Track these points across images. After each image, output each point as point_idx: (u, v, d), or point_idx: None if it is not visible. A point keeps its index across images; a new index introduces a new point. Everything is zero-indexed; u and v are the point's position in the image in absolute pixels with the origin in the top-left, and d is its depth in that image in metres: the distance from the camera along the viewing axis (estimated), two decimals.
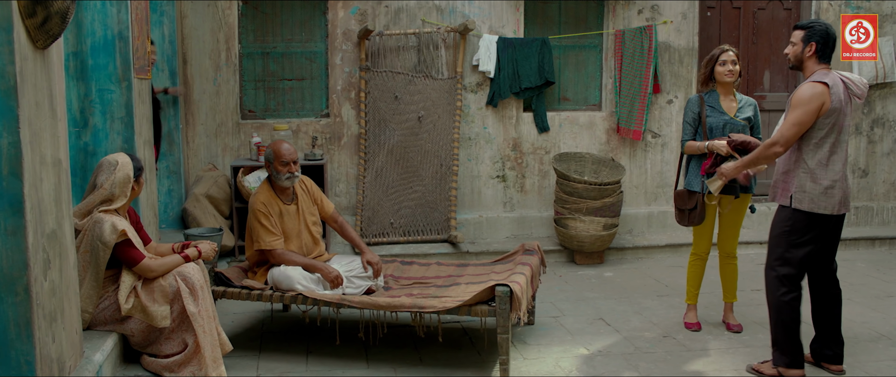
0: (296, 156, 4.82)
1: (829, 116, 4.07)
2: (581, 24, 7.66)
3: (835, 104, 4.06)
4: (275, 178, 4.83)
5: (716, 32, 7.88)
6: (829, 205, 4.13)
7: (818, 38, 4.15)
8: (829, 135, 4.11)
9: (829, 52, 4.17)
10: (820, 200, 4.12)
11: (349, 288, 4.72)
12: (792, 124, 4.06)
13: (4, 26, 2.95)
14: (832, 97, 4.05)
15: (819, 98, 4.03)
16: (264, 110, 7.40)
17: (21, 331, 3.08)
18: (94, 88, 4.95)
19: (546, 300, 5.81)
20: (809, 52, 4.19)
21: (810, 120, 4.05)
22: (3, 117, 2.98)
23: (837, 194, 4.14)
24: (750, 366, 4.43)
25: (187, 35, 7.10)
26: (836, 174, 4.14)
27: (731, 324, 5.13)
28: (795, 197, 4.16)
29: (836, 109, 4.07)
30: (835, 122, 4.09)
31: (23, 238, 3.04)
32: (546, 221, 7.57)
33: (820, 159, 4.12)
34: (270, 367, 4.49)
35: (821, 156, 4.12)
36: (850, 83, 4.17)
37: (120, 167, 4.16)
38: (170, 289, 4.12)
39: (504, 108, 7.53)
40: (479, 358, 4.65)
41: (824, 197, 4.12)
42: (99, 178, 4.15)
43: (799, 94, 4.08)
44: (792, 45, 4.28)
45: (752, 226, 7.86)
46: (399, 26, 7.30)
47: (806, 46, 4.20)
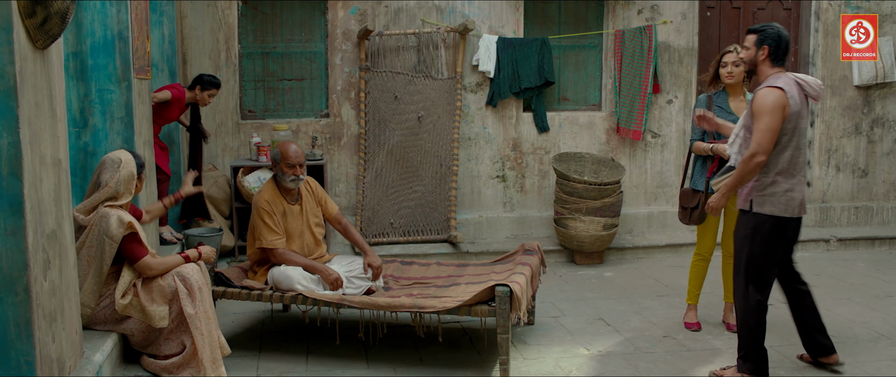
0: (303, 159, 4.82)
1: (789, 121, 4.08)
2: (581, 24, 7.66)
3: (794, 107, 4.08)
4: (280, 178, 4.82)
5: (715, 32, 7.88)
6: (789, 209, 4.15)
7: (771, 42, 4.17)
8: (791, 138, 4.12)
9: (783, 55, 4.19)
10: (781, 204, 4.14)
11: (349, 288, 4.72)
12: (765, 131, 4.04)
13: (4, 26, 2.95)
14: (790, 101, 4.07)
15: (780, 103, 4.04)
16: (264, 110, 7.40)
17: (21, 332, 3.07)
18: (93, 88, 4.95)
19: (546, 300, 5.81)
20: (763, 55, 4.20)
21: (779, 125, 4.04)
22: (2, 117, 2.98)
23: (797, 197, 4.16)
24: (713, 373, 4.37)
25: (187, 35, 7.10)
26: (797, 177, 4.16)
27: (731, 324, 5.13)
28: (756, 201, 4.18)
29: (795, 113, 4.09)
30: (795, 126, 4.11)
31: (23, 238, 3.04)
32: (546, 221, 7.57)
33: (783, 163, 4.13)
34: (270, 367, 4.49)
35: (784, 159, 4.13)
36: (805, 84, 4.18)
37: (124, 165, 4.17)
38: (168, 289, 4.12)
39: (504, 108, 7.53)
40: (479, 358, 4.65)
41: (785, 200, 4.14)
42: (103, 176, 4.15)
43: (761, 101, 4.06)
44: (745, 50, 4.28)
45: None
46: (399, 26, 7.30)
47: (759, 50, 4.21)
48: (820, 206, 8.04)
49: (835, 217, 8.07)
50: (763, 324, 4.23)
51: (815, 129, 8.01)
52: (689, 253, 7.25)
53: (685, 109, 7.75)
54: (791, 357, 4.66)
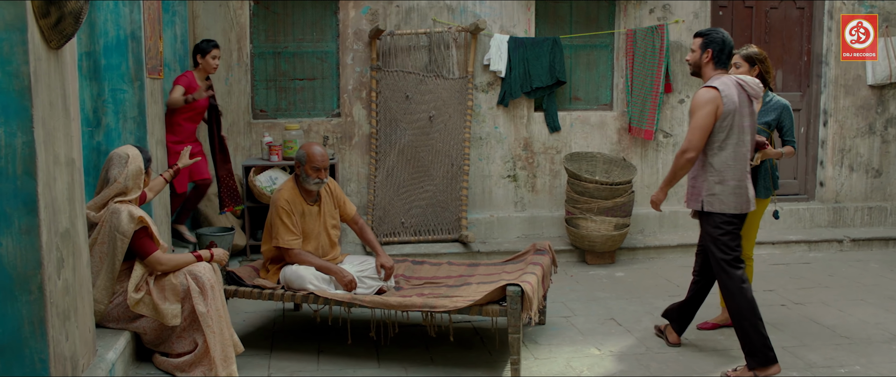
0: (328, 163, 4.83)
1: (725, 119, 4.24)
2: (592, 24, 7.64)
3: (729, 106, 4.23)
4: (303, 180, 4.82)
5: (727, 31, 7.82)
6: (738, 205, 4.31)
7: (715, 45, 4.35)
8: (729, 136, 4.27)
9: (725, 58, 4.37)
10: (729, 200, 4.30)
11: (360, 288, 4.73)
12: (695, 129, 4.24)
13: (19, 27, 2.97)
14: (725, 100, 4.22)
15: (713, 102, 4.22)
16: (276, 110, 7.42)
17: (35, 330, 3.09)
18: (106, 88, 4.97)
19: (557, 300, 5.80)
20: (707, 58, 4.38)
21: (710, 123, 4.22)
22: (17, 117, 3.00)
23: (744, 193, 4.32)
24: (725, 373, 4.38)
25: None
26: (741, 174, 4.31)
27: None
28: (706, 200, 4.34)
29: (730, 111, 4.24)
30: (732, 124, 4.26)
31: (37, 237, 3.06)
32: (557, 221, 7.56)
33: (724, 161, 4.28)
34: (282, 366, 4.50)
35: (725, 157, 4.28)
36: (745, 85, 4.34)
37: (131, 160, 4.19)
38: (181, 287, 4.14)
39: (515, 107, 7.52)
40: (490, 357, 4.64)
41: (733, 196, 4.30)
42: (111, 172, 4.17)
43: (695, 99, 4.28)
44: (691, 52, 4.46)
45: (765, 226, 7.83)
46: (410, 26, 7.30)
47: (703, 53, 4.39)
48: (833, 207, 8.00)
49: (848, 217, 8.02)
50: (756, 310, 4.28)
51: (829, 128, 7.97)
52: None
53: None
54: (804, 357, 4.63)
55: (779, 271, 6.77)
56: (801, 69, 8.05)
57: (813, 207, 8.00)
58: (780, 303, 5.78)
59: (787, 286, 6.26)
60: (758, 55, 4.88)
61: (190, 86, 6.03)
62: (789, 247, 7.51)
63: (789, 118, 4.91)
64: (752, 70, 4.86)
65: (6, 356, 3.08)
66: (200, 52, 6.18)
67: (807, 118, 8.12)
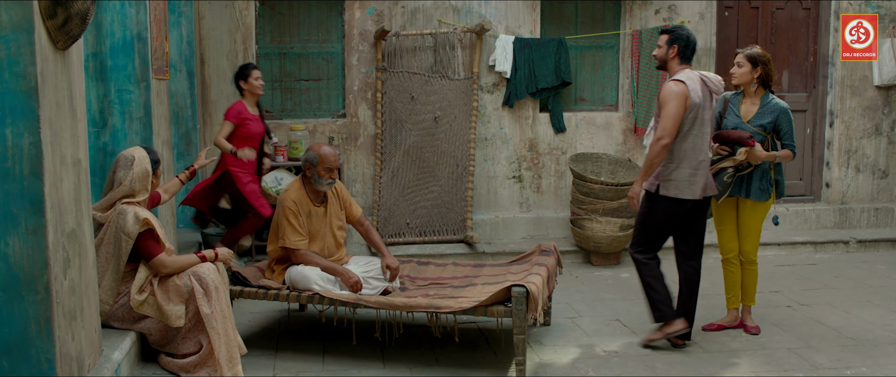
0: (339, 162, 4.85)
1: (690, 111, 4.57)
2: (598, 25, 7.64)
3: (695, 99, 4.56)
4: (315, 181, 4.82)
5: (734, 32, 7.84)
6: (693, 191, 4.64)
7: (680, 42, 4.66)
8: (692, 127, 4.61)
9: (690, 54, 4.68)
10: (684, 187, 4.63)
11: (366, 288, 4.73)
12: (669, 117, 4.53)
13: (26, 27, 2.98)
14: (691, 93, 4.55)
15: (682, 95, 4.53)
16: (281, 110, 7.43)
17: (41, 330, 3.10)
18: (113, 89, 4.99)
19: (562, 301, 5.79)
20: (673, 54, 4.68)
21: (681, 112, 4.53)
22: (24, 117, 3.01)
23: (700, 181, 4.65)
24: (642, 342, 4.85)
25: (205, 36, 7.14)
26: (699, 162, 4.64)
27: (748, 326, 5.10)
28: (663, 185, 4.66)
29: (696, 104, 4.57)
30: (696, 116, 4.60)
31: (43, 237, 3.07)
32: (562, 222, 7.56)
33: (685, 149, 4.62)
34: (287, 367, 4.50)
35: (686, 146, 4.62)
36: (708, 80, 4.68)
37: (137, 162, 4.18)
38: (185, 288, 4.14)
39: (520, 108, 7.52)
40: (495, 358, 4.64)
41: (689, 183, 4.63)
42: (118, 174, 4.18)
43: (665, 91, 4.57)
44: (658, 48, 4.75)
45: (769, 227, 7.79)
46: (415, 27, 7.31)
47: (669, 49, 4.69)
48: (839, 208, 7.98)
49: (854, 218, 8.00)
50: (660, 274, 4.77)
51: (835, 129, 7.95)
52: (705, 254, 7.20)
53: None
54: (810, 359, 4.62)
55: (784, 272, 6.75)
56: (807, 70, 8.03)
57: (819, 208, 7.98)
58: (785, 304, 5.77)
59: (792, 287, 6.25)
60: (761, 56, 4.85)
61: (240, 117, 5.87)
62: (795, 248, 7.50)
63: (787, 121, 4.84)
64: (755, 71, 4.84)
65: (13, 356, 3.09)
66: (242, 78, 5.99)
67: (813, 119, 8.10)
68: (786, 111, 4.85)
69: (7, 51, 2.97)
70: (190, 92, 6.85)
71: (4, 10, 2.96)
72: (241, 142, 5.85)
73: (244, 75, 5.99)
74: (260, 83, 6.02)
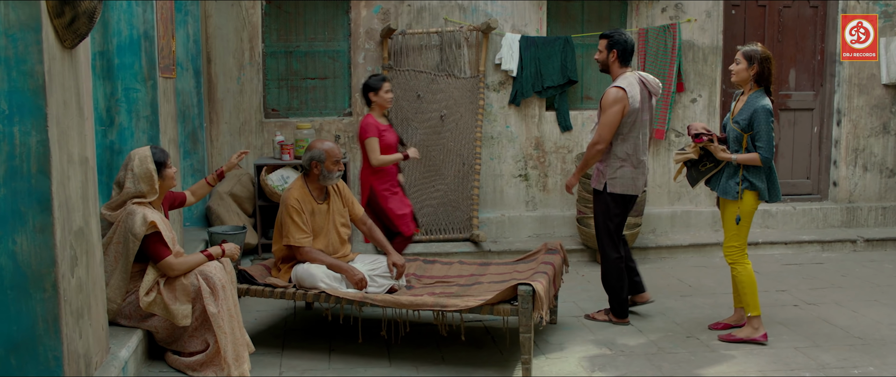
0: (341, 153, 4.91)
1: (630, 115, 4.92)
2: (604, 23, 7.62)
3: (633, 104, 4.91)
4: (324, 177, 4.82)
5: (740, 30, 7.81)
6: (635, 188, 5.06)
7: (619, 46, 5.00)
8: (632, 129, 4.97)
9: (628, 56, 5.03)
10: (629, 184, 5.03)
11: (372, 286, 4.74)
12: (604, 125, 4.93)
13: (33, 26, 2.99)
14: (630, 99, 4.89)
15: (621, 102, 4.87)
16: (287, 109, 7.44)
17: (49, 328, 3.11)
18: (119, 87, 5.00)
19: (568, 299, 5.79)
20: (613, 58, 5.03)
21: (618, 119, 4.90)
22: (31, 116, 3.02)
23: (641, 178, 5.07)
24: (587, 315, 5.39)
25: (211, 34, 7.15)
26: (639, 161, 5.03)
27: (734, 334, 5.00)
28: (610, 183, 5.04)
29: (635, 109, 4.93)
30: (636, 119, 4.96)
31: (51, 235, 3.08)
32: (569, 220, 7.55)
33: (627, 150, 4.99)
34: (293, 365, 4.51)
35: (627, 147, 4.98)
36: (647, 82, 5.04)
37: (138, 163, 4.16)
38: (191, 287, 4.14)
39: (526, 106, 7.51)
40: (501, 357, 4.64)
41: (632, 181, 5.03)
42: (120, 175, 4.19)
43: (606, 98, 4.92)
44: (599, 52, 5.09)
45: (777, 225, 7.79)
46: (421, 25, 7.30)
47: (610, 53, 5.03)
48: (846, 206, 7.95)
49: (862, 217, 7.97)
50: (622, 275, 5.18)
51: (842, 127, 7.92)
52: (712, 253, 7.21)
53: (709, 108, 7.69)
54: (817, 358, 4.61)
55: (791, 271, 6.73)
56: (814, 68, 8.00)
57: (826, 207, 7.95)
58: (792, 303, 5.75)
59: (799, 286, 6.23)
60: (757, 54, 4.72)
61: (379, 130, 5.58)
62: (802, 247, 7.47)
63: (759, 121, 4.64)
64: (751, 68, 4.73)
65: (21, 353, 3.10)
66: (372, 90, 5.63)
67: (820, 117, 8.07)
68: (761, 110, 4.66)
69: (15, 49, 2.98)
70: (196, 90, 6.86)
71: (12, 8, 2.96)
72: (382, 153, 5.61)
73: (375, 88, 5.63)
74: (390, 96, 5.69)
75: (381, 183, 5.68)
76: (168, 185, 4.33)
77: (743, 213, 4.81)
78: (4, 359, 3.09)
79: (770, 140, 4.65)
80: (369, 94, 5.66)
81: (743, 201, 4.78)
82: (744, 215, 4.81)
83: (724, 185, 4.83)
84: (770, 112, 4.67)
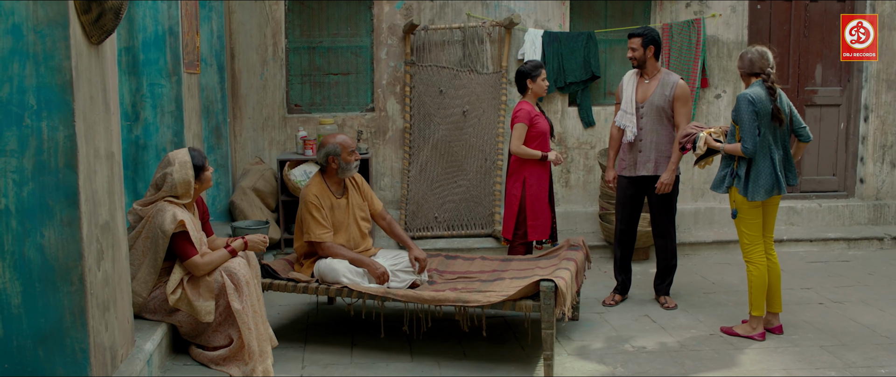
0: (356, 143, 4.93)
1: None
2: (627, 18, 7.58)
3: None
4: (342, 170, 4.85)
5: (766, 26, 7.73)
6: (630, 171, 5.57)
7: (656, 43, 5.32)
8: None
9: (659, 52, 5.39)
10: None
11: (394, 281, 4.75)
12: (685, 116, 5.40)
13: (61, 22, 3.03)
14: None
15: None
16: (310, 104, 7.47)
17: (76, 320, 3.15)
18: (145, 83, 5.05)
19: (591, 296, 5.77)
20: (650, 53, 5.33)
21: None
22: (59, 111, 3.05)
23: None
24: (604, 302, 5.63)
25: (235, 30, 7.19)
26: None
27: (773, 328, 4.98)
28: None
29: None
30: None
31: (78, 229, 3.12)
32: (591, 217, 7.52)
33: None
34: (315, 359, 4.53)
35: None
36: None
37: (176, 169, 4.16)
38: (215, 284, 4.17)
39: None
40: (522, 353, 4.64)
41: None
42: (156, 176, 4.20)
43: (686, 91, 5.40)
44: (633, 50, 5.35)
45: (802, 223, 7.72)
46: (444, 21, 7.30)
47: (646, 50, 5.33)
48: (873, 204, 7.85)
49: (890, 215, 7.86)
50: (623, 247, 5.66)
51: (870, 124, 7.82)
52: (736, 250, 7.14)
53: (733, 104, 7.61)
54: (843, 357, 4.56)
55: (817, 269, 6.66)
56: (841, 64, 7.90)
57: (853, 204, 7.86)
58: (818, 301, 5.70)
59: (825, 284, 6.16)
60: (747, 53, 4.78)
61: (531, 117, 5.51)
62: (828, 244, 7.39)
63: (738, 110, 4.64)
64: (742, 67, 4.81)
65: (48, 345, 3.14)
66: (528, 77, 5.54)
67: (847, 113, 7.97)
68: (740, 99, 4.65)
69: (43, 45, 3.02)
70: (220, 86, 6.91)
71: (40, 5, 3.00)
72: (531, 141, 5.55)
73: (533, 75, 5.54)
74: (546, 83, 5.63)
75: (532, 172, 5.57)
76: (205, 186, 4.36)
77: (738, 208, 4.81)
78: (32, 350, 3.14)
79: (752, 130, 4.60)
80: (527, 80, 5.58)
81: (733, 195, 4.81)
82: (740, 209, 4.81)
83: (718, 178, 4.85)
84: (752, 101, 4.60)
